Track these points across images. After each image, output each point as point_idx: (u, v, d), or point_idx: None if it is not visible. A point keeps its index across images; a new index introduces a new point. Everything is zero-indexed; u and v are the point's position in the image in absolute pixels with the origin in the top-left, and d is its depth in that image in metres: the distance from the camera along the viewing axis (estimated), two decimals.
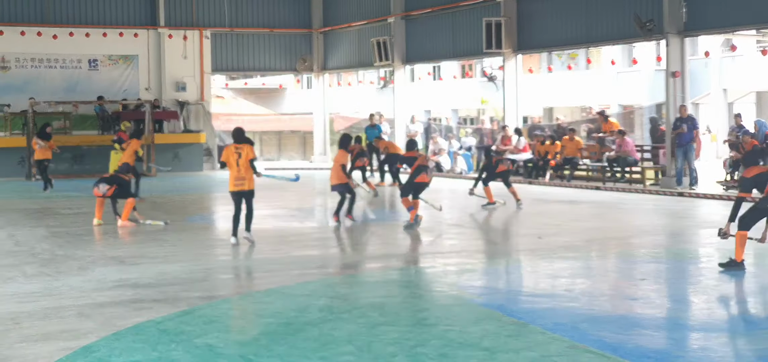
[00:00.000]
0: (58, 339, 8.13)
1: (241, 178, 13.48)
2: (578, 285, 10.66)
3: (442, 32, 31.09)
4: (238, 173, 13.46)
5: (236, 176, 13.49)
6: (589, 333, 8.18)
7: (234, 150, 13.53)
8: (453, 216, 18.06)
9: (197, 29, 35.14)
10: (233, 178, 13.53)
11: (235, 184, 13.53)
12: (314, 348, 7.76)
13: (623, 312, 9.23)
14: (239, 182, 13.49)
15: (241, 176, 13.47)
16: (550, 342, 7.91)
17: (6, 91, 31.85)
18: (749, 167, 11.51)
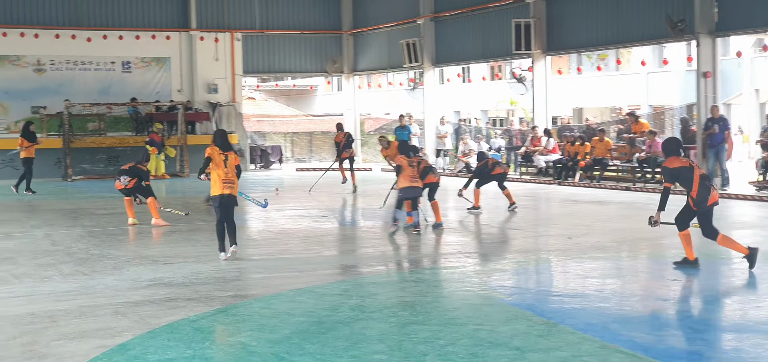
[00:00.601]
0: (94, 337, 8.26)
1: (229, 181, 12.54)
2: (609, 286, 10.67)
3: (472, 34, 31.10)
4: (226, 175, 12.49)
5: (225, 178, 12.49)
6: (620, 333, 8.20)
7: (219, 152, 12.58)
8: (483, 217, 18.09)
9: (228, 31, 35.38)
10: (220, 180, 12.47)
11: (224, 186, 12.49)
12: (345, 346, 7.84)
13: (654, 313, 9.23)
14: (228, 185, 12.52)
15: (230, 178, 12.55)
16: (580, 342, 7.94)
17: (42, 94, 32.26)
18: (669, 157, 11.50)
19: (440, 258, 13.18)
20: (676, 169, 11.36)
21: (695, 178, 11.24)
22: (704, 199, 11.20)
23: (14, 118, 32.13)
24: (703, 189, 11.20)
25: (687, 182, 11.29)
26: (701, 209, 11.25)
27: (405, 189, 15.09)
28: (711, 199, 11.27)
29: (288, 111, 56.10)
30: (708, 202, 11.23)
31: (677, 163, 11.39)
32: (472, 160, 29.35)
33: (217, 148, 12.58)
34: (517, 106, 46.11)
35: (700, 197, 11.20)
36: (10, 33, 32.03)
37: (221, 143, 12.69)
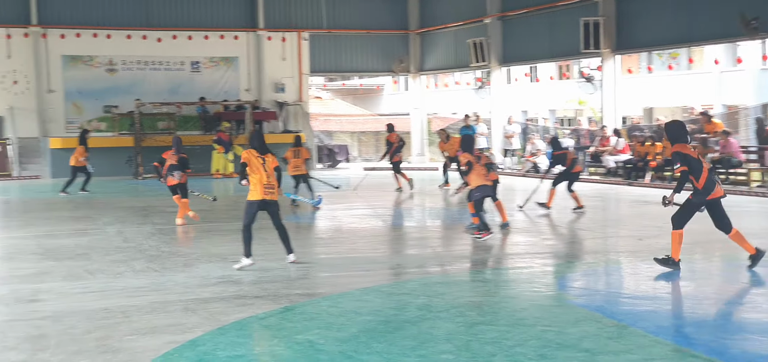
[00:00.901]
0: (164, 333, 8.36)
1: (270, 186, 11.89)
2: (681, 288, 10.50)
3: (539, 33, 30.87)
4: (266, 179, 11.83)
5: (266, 183, 11.82)
6: (693, 337, 8.06)
7: (256, 155, 11.92)
8: (552, 217, 17.93)
9: (296, 31, 35.64)
10: (261, 185, 11.79)
11: (265, 192, 11.80)
12: (412, 346, 7.82)
13: (728, 316, 9.06)
14: (269, 190, 11.85)
15: (271, 183, 11.90)
16: (652, 345, 7.81)
17: (113, 93, 32.87)
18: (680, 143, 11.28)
19: (508, 259, 13.09)
20: (688, 154, 11.17)
21: (704, 169, 11.13)
22: (707, 192, 11.07)
23: (87, 117, 32.82)
24: (709, 181, 11.07)
25: (696, 171, 11.11)
26: (700, 200, 11.11)
27: (480, 188, 14.58)
28: (715, 193, 11.13)
29: (355, 110, 56.30)
30: (709, 196, 11.09)
31: (687, 150, 11.22)
32: (540, 160, 29.14)
33: (253, 152, 11.90)
34: (585, 106, 45.65)
35: (704, 188, 11.05)
36: (84, 34, 32.69)
37: (258, 145, 12.04)
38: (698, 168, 11.12)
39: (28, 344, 8.05)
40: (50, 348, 7.91)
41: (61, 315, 9.14)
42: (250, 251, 11.80)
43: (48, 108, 32.68)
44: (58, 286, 10.72)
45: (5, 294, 10.26)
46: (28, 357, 7.65)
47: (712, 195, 11.13)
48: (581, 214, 17.86)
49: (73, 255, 13.17)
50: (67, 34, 32.62)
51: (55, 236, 15.37)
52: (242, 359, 7.46)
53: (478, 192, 14.43)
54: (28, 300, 9.98)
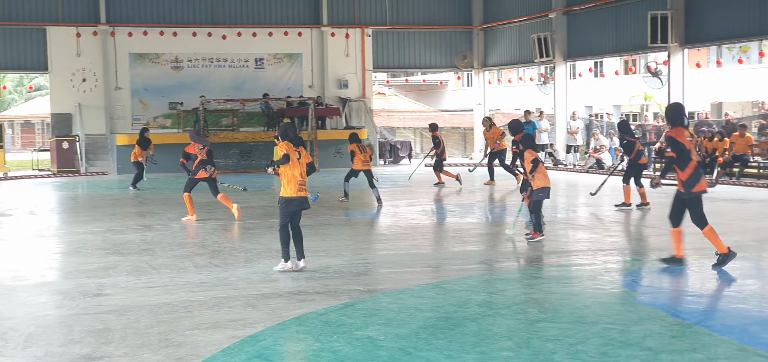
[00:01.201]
0: (226, 328, 8.42)
1: (304, 183, 11.33)
2: (748, 287, 10.29)
3: (605, 27, 30.52)
4: (300, 175, 11.25)
5: (300, 179, 11.24)
6: (760, 335, 7.89)
7: (294, 149, 11.29)
8: (615, 214, 17.72)
9: (359, 27, 35.71)
10: (296, 181, 11.20)
11: (299, 188, 11.23)
12: (473, 343, 7.77)
13: None
14: (303, 186, 11.30)
15: (304, 181, 11.34)
16: (717, 344, 7.67)
17: (179, 90, 33.31)
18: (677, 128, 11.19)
19: (570, 255, 12.94)
20: (682, 143, 11.01)
21: (693, 161, 10.98)
22: (692, 185, 10.94)
23: (153, 114, 33.31)
24: (695, 174, 10.93)
25: (683, 162, 10.94)
26: (686, 194, 10.97)
27: (543, 189, 13.79)
28: (699, 187, 11.00)
29: (418, 106, 56.27)
30: (694, 189, 10.96)
31: (682, 137, 11.06)
32: (605, 156, 28.82)
33: (290, 144, 11.23)
34: (651, 101, 45.06)
35: (689, 180, 10.92)
36: (151, 32, 33.17)
37: (294, 138, 11.41)
38: (686, 158, 10.95)
39: (92, 338, 8.18)
40: (114, 341, 8.02)
41: (125, 309, 9.27)
42: (288, 253, 11.28)
43: (115, 105, 33.24)
44: (123, 281, 10.88)
45: (72, 288, 10.44)
46: (92, 350, 7.76)
47: (697, 189, 11.01)
48: (646, 211, 17.61)
49: (138, 250, 13.35)
50: (134, 32, 33.12)
51: (121, 231, 15.61)
52: (302, 355, 7.50)
53: (541, 193, 13.80)
54: (94, 294, 10.14)
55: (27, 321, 8.87)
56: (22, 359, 7.52)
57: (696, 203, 11.13)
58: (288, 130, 11.45)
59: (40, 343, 8.08)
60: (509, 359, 7.27)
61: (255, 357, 7.48)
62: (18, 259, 13.23)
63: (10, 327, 8.61)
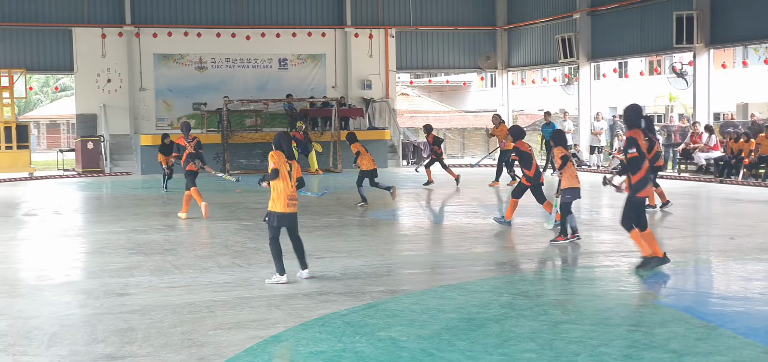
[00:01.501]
0: (249, 328, 8.44)
1: (294, 198, 10.80)
2: None
3: (630, 27, 30.37)
4: (291, 189, 10.71)
5: (290, 193, 10.70)
6: None
7: (285, 161, 10.74)
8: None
9: (383, 28, 35.73)
10: (285, 196, 10.65)
11: (288, 204, 10.69)
12: (495, 344, 7.75)
13: None
14: (293, 202, 10.75)
15: (294, 195, 10.81)
16: (742, 346, 7.60)
17: (203, 90, 33.45)
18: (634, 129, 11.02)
19: (594, 257, 12.87)
20: (640, 145, 10.84)
21: (645, 166, 10.87)
22: (638, 189, 10.80)
23: (177, 115, 33.45)
24: (644, 178, 10.79)
25: (635, 165, 10.79)
26: (631, 197, 10.87)
27: (572, 190, 13.50)
28: (644, 192, 10.90)
29: (441, 107, 56.20)
30: (640, 194, 10.84)
31: (641, 141, 10.92)
32: None
33: (282, 155, 10.70)
34: (676, 102, 44.81)
35: (637, 185, 10.78)
36: (175, 33, 33.33)
37: (287, 150, 10.81)
38: (639, 162, 10.83)
39: (116, 337, 8.22)
40: (138, 341, 8.05)
41: (148, 309, 9.31)
42: (282, 266, 10.64)
43: (139, 105, 33.42)
44: (146, 281, 10.93)
45: (96, 288, 10.49)
46: (116, 349, 7.80)
47: (641, 194, 10.87)
48: (668, 212, 17.50)
49: (161, 250, 13.41)
50: (159, 33, 33.28)
51: (144, 231, 15.67)
52: (324, 355, 7.49)
53: (569, 195, 13.46)
54: (118, 293, 10.19)
55: (51, 320, 8.92)
56: (47, 358, 7.56)
57: (636, 206, 11.00)
58: (282, 141, 10.84)
59: (64, 342, 8.13)
60: (532, 360, 7.24)
61: (277, 357, 7.50)
62: (43, 259, 13.32)
63: (34, 326, 8.67)
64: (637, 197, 10.96)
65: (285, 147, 10.77)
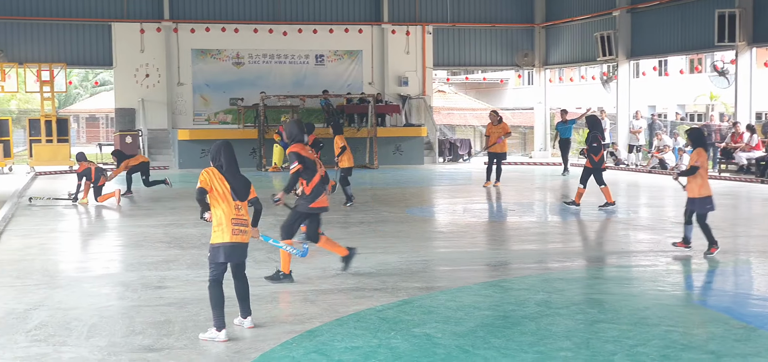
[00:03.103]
0: (284, 323, 8.47)
1: (241, 222, 8.16)
2: None
3: (670, 25, 30.08)
4: (235, 211, 8.13)
5: (234, 216, 8.11)
6: None
7: (219, 177, 8.21)
8: (678, 214, 17.46)
9: (420, 25, 35.68)
10: (227, 220, 8.07)
11: (233, 232, 8.09)
12: (531, 342, 7.72)
13: None
14: (239, 228, 8.13)
15: (242, 217, 8.19)
16: None
17: (240, 86, 33.61)
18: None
19: (631, 256, 12.78)
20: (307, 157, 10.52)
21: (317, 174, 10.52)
22: (311, 199, 10.47)
23: (214, 110, 33.67)
24: (317, 188, 10.49)
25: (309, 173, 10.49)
26: (300, 207, 10.50)
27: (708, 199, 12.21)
28: (318, 203, 10.56)
29: (478, 104, 56.04)
30: (313, 204, 10.46)
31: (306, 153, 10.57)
32: (668, 156, 28.44)
33: (214, 171, 8.24)
34: (717, 101, 44.34)
35: (310, 195, 10.45)
36: (213, 28, 33.49)
37: (226, 161, 8.27)
38: (312, 170, 10.51)
39: (153, 329, 8.28)
40: (175, 333, 8.11)
41: (185, 301, 9.38)
42: (222, 319, 7.97)
43: (177, 100, 33.65)
44: (183, 274, 11.00)
45: (134, 281, 10.58)
46: (153, 341, 7.86)
47: (316, 205, 10.50)
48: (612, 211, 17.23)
49: (198, 243, 13.49)
50: (197, 28, 33.47)
51: (181, 225, 15.76)
52: (359, 351, 7.50)
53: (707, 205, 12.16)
54: (155, 286, 10.27)
55: (90, 311, 9.02)
56: (86, 349, 7.64)
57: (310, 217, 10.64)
58: (219, 152, 8.32)
59: (103, 334, 8.20)
60: (568, 359, 7.20)
61: (313, 351, 7.51)
62: (82, 251, 13.45)
63: (74, 317, 8.76)
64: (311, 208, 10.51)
65: (224, 158, 8.25)
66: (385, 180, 25.87)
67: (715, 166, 27.49)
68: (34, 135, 30.91)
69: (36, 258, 12.43)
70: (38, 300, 9.56)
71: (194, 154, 29.96)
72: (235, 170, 8.25)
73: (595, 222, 16.56)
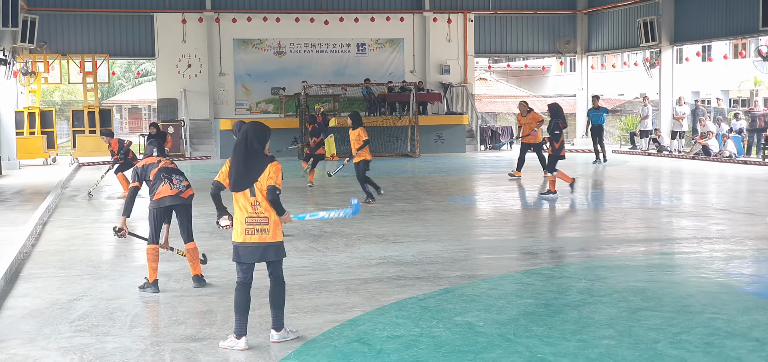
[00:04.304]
0: (326, 312, 8.50)
1: (259, 219, 7.34)
2: None
3: (714, 10, 29.75)
4: (253, 210, 7.35)
5: (250, 214, 7.34)
6: None
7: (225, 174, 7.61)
8: (721, 201, 17.29)
9: (461, 12, 35.59)
10: (243, 217, 7.35)
11: (248, 232, 7.34)
12: (573, 330, 7.68)
13: None
14: (255, 227, 7.34)
15: (261, 215, 7.35)
16: None
17: (282, 75, 33.77)
18: None
19: (674, 243, 12.68)
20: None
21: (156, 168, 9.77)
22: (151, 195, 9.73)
23: (256, 100, 33.90)
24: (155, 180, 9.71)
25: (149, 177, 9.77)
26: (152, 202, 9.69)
27: None
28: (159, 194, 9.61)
29: (519, 92, 55.74)
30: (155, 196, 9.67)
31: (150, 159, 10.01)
32: (712, 143, 28.12)
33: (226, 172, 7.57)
34: (761, 86, 43.75)
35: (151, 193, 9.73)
36: (255, 17, 33.67)
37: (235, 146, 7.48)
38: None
39: (196, 319, 8.36)
40: (217, 323, 8.18)
41: (227, 291, 9.42)
42: (243, 327, 7.39)
43: (219, 90, 33.87)
44: (226, 264, 11.05)
45: (177, 271, 10.67)
46: (195, 331, 7.93)
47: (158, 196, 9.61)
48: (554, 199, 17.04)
49: None
50: (238, 18, 33.66)
51: None
52: (401, 339, 7.51)
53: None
54: None
55: (133, 301, 9.12)
56: (129, 338, 7.72)
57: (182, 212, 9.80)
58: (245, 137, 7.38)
59: (146, 323, 8.30)
60: (610, 347, 7.16)
61: (355, 340, 7.53)
62: (125, 242, 13.58)
63: (117, 307, 8.86)
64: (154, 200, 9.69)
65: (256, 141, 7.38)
66: (426, 168, 25.85)
67: (759, 151, 27.16)
68: (77, 126, 31.29)
69: (80, 249, 12.58)
70: (82, 290, 9.67)
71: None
72: (240, 156, 7.34)
73: (637, 209, 16.45)
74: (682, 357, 6.89)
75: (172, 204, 9.70)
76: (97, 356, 7.20)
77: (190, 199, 9.83)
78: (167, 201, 9.67)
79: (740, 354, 6.93)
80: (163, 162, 9.90)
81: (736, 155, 27.34)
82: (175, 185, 9.68)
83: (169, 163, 9.93)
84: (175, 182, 9.72)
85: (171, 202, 9.67)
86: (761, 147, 27.10)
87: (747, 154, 28.11)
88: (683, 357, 6.89)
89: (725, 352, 7.00)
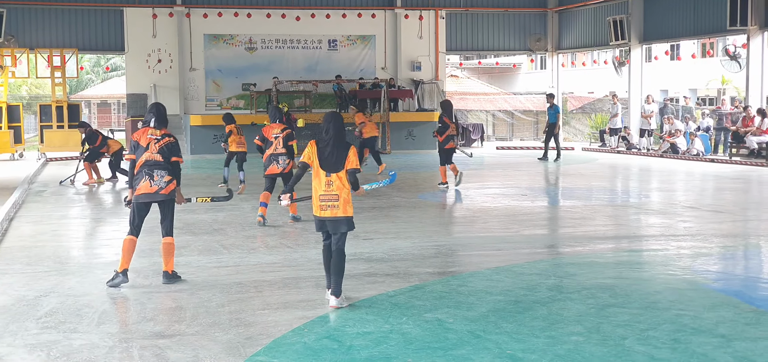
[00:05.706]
0: (296, 308, 8.49)
1: (330, 197, 8.52)
2: None
3: (682, 9, 30.00)
4: (327, 189, 8.55)
5: (324, 192, 8.54)
6: None
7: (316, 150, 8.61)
8: (688, 198, 17.44)
9: (433, 9, 35.63)
10: (317, 196, 8.60)
11: (322, 207, 8.58)
12: (542, 327, 7.73)
13: None
14: (328, 203, 8.50)
15: (333, 193, 8.55)
16: None
17: (252, 71, 33.64)
18: None
19: (641, 240, 12.77)
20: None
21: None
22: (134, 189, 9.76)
23: (226, 95, 33.75)
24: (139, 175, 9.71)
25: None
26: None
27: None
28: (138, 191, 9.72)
29: (490, 89, 55.90)
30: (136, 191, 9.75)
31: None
32: (680, 141, 28.36)
33: (314, 144, 8.64)
34: (729, 85, 44.16)
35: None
36: (226, 13, 33.53)
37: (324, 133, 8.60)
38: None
39: (165, 316, 8.32)
40: (186, 320, 8.14)
41: (197, 288, 9.41)
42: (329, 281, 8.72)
43: (189, 86, 33.71)
44: (195, 260, 11.04)
45: (145, 267, 10.62)
46: (164, 328, 7.89)
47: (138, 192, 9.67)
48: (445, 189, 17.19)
49: (210, 230, 13.53)
50: (209, 13, 33.50)
51: (193, 211, 15.77)
52: (371, 336, 7.52)
53: None
54: None
55: (101, 298, 9.06)
56: (97, 335, 7.68)
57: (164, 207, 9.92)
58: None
59: (114, 320, 8.25)
60: (579, 344, 7.21)
61: (325, 337, 7.53)
62: (93, 238, 13.50)
63: (85, 303, 8.81)
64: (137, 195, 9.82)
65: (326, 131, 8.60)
66: (397, 165, 25.87)
67: (726, 150, 27.42)
68: (44, 121, 31.04)
69: (47, 245, 12.49)
70: (49, 286, 9.60)
71: (206, 140, 30.05)
72: (327, 141, 8.48)
73: (606, 206, 16.56)
74: (650, 353, 6.94)
75: (149, 201, 9.82)
76: (64, 353, 7.15)
77: (171, 194, 9.82)
78: (144, 198, 9.79)
79: (706, 350, 7.00)
80: (149, 153, 9.80)
81: (704, 153, 27.59)
82: (155, 182, 9.72)
83: (155, 153, 9.82)
84: (156, 178, 9.75)
85: (148, 199, 9.79)
86: (728, 145, 27.37)
87: (714, 152, 28.39)
88: (650, 353, 6.94)
89: (692, 348, 7.06)
